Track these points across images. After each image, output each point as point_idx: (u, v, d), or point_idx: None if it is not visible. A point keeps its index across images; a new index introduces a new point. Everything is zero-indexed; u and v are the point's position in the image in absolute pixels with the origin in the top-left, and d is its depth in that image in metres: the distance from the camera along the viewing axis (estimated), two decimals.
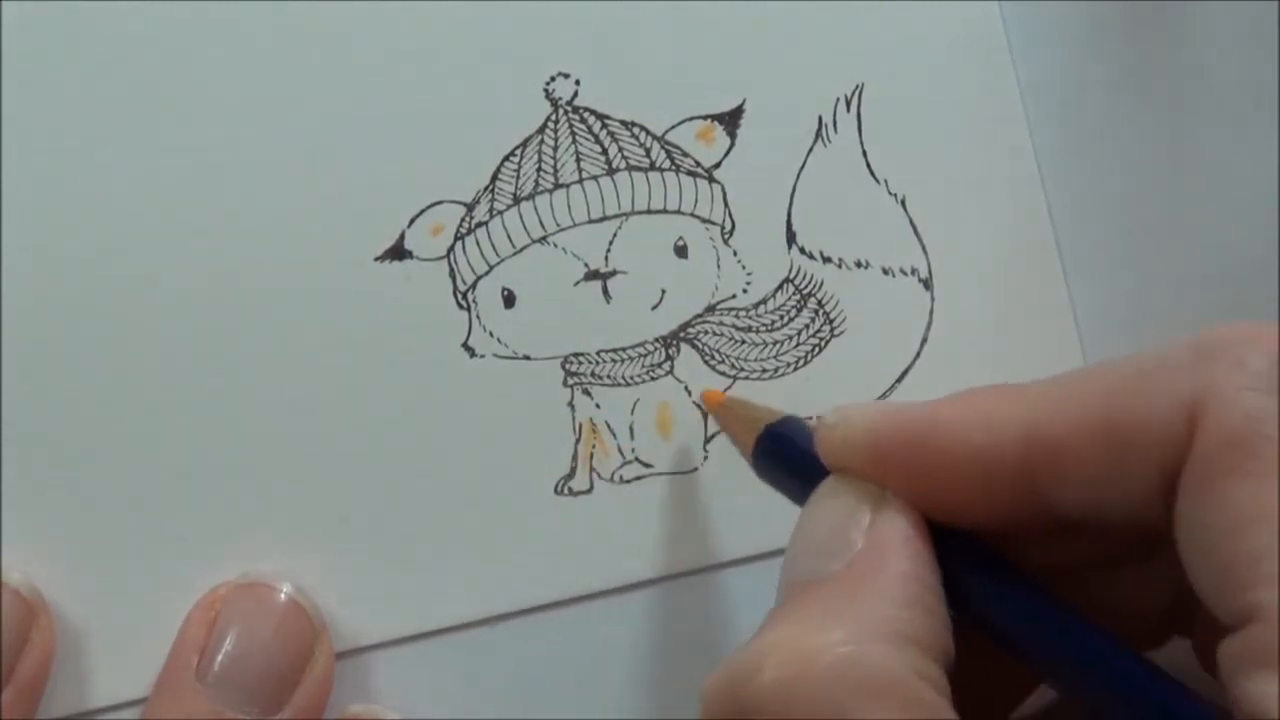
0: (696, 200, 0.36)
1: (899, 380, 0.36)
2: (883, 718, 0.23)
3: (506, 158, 0.35)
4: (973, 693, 0.25)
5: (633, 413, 0.36)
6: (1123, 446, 0.24)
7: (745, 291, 0.36)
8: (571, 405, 0.36)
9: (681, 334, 0.36)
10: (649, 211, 0.36)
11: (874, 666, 0.23)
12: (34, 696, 0.34)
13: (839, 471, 0.28)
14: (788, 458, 0.30)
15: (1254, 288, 0.37)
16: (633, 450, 0.36)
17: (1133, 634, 0.27)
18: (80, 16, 0.34)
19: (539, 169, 0.35)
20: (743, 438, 0.32)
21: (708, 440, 0.36)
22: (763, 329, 0.36)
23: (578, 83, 0.35)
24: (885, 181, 0.36)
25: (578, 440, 0.36)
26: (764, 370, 0.36)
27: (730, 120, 0.36)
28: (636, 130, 0.35)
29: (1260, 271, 0.37)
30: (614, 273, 0.36)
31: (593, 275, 0.36)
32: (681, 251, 0.36)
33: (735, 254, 0.36)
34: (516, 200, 0.35)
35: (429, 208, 0.35)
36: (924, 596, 0.25)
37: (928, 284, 0.36)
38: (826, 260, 0.36)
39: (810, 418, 0.30)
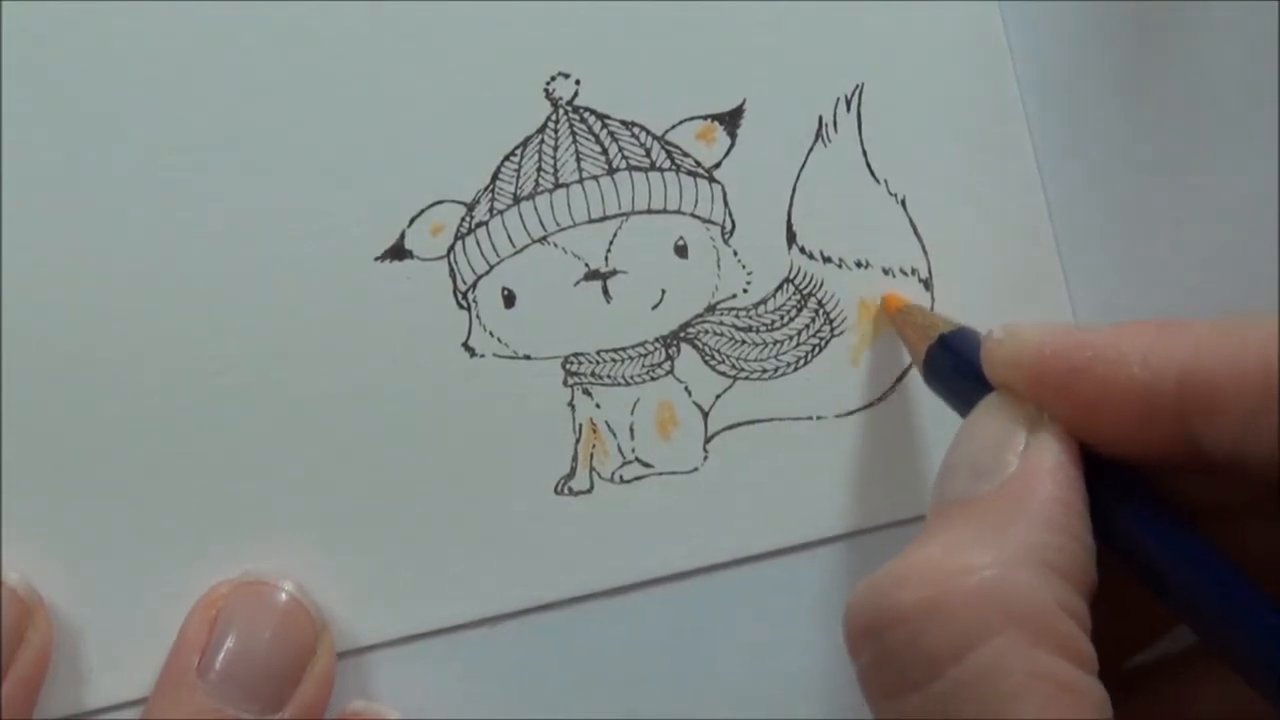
0: (697, 200, 0.36)
1: (899, 380, 0.36)
2: (1020, 645, 0.23)
3: (507, 157, 0.35)
4: (1109, 624, 0.25)
5: (633, 413, 0.36)
6: (1275, 397, 0.24)
7: (745, 291, 0.36)
8: (571, 405, 0.36)
9: (682, 334, 0.36)
10: (649, 211, 0.36)
11: (1015, 592, 0.24)
12: (31, 695, 0.34)
13: (1001, 389, 0.28)
14: (955, 370, 0.30)
15: (1254, 288, 0.37)
16: (633, 450, 0.36)
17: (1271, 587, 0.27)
18: (80, 16, 0.34)
19: (539, 169, 0.35)
20: (917, 345, 0.32)
21: (708, 440, 0.36)
22: (763, 329, 0.36)
23: (578, 82, 0.35)
24: (885, 181, 0.36)
25: (578, 440, 0.36)
26: (764, 370, 0.36)
27: (730, 120, 0.36)
28: (636, 130, 0.35)
29: (1260, 271, 0.37)
30: (614, 273, 0.36)
31: (593, 275, 0.36)
32: (682, 251, 0.36)
33: (735, 254, 0.36)
34: (517, 200, 0.35)
35: (429, 208, 0.35)
36: (1072, 523, 0.25)
37: (928, 284, 0.36)
38: (827, 260, 0.36)
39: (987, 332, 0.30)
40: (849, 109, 0.36)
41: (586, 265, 0.36)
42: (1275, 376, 0.24)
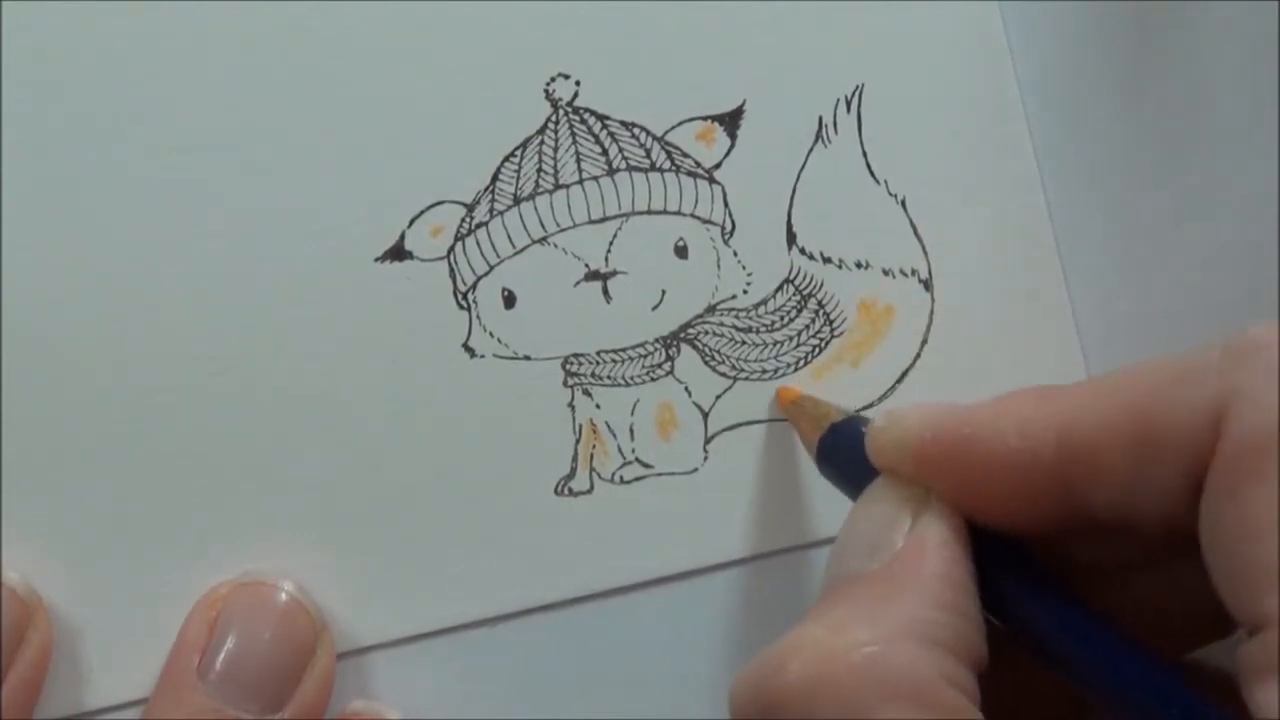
0: (697, 201, 0.36)
1: (899, 380, 0.36)
2: (906, 718, 0.23)
3: (507, 158, 0.35)
4: (1019, 704, 0.25)
5: (633, 413, 0.36)
6: (1152, 448, 0.24)
7: (745, 292, 0.36)
8: (572, 405, 0.36)
9: (682, 334, 0.36)
10: (649, 212, 0.36)
11: (898, 667, 0.24)
12: (31, 695, 0.34)
13: (887, 473, 0.28)
14: (848, 456, 0.30)
15: (1254, 288, 0.37)
16: (633, 450, 0.36)
17: (1174, 636, 0.27)
18: (80, 16, 0.34)
19: (539, 169, 0.35)
20: (809, 435, 0.33)
21: (708, 440, 0.36)
22: (763, 329, 0.36)
23: (578, 83, 0.35)
24: (885, 182, 0.36)
25: (578, 440, 0.36)
26: (764, 371, 0.36)
27: (730, 120, 0.36)
28: (637, 131, 0.35)
29: (1260, 271, 0.37)
30: (614, 273, 0.36)
31: (593, 276, 0.36)
32: (682, 252, 0.36)
33: (735, 254, 0.36)
34: (517, 201, 0.35)
35: (429, 208, 0.35)
36: (957, 599, 0.25)
37: (928, 284, 0.36)
38: (827, 261, 0.36)
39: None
40: (849, 109, 0.36)
41: (586, 266, 0.36)
42: (1146, 431, 0.24)
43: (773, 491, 0.36)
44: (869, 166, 0.36)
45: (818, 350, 0.36)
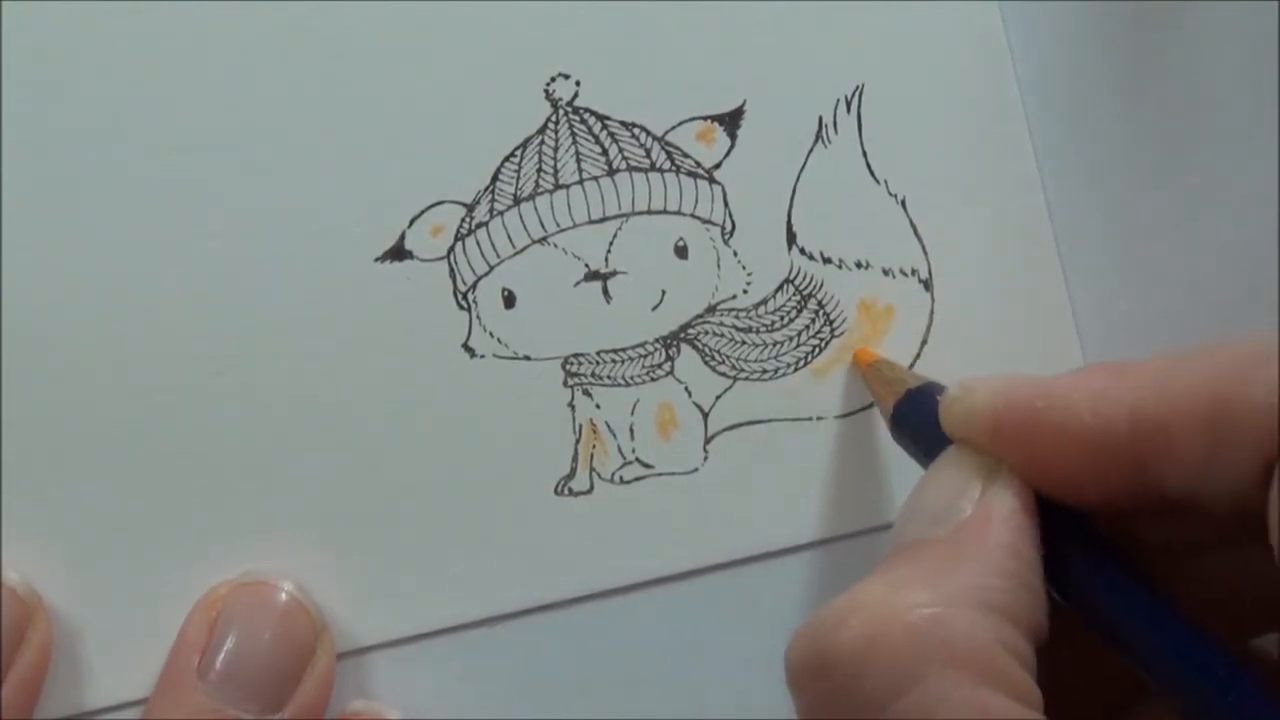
0: (697, 201, 0.36)
1: None
2: (959, 682, 0.23)
3: (507, 158, 0.35)
4: (1076, 682, 0.25)
5: (633, 413, 0.36)
6: (1227, 429, 0.24)
7: (745, 292, 0.36)
8: (572, 405, 0.36)
9: (682, 334, 0.36)
10: (649, 212, 0.36)
11: (956, 631, 0.24)
12: (31, 695, 0.34)
13: (960, 443, 0.28)
14: (918, 425, 0.31)
15: (1254, 288, 0.37)
16: (633, 450, 0.36)
17: (1237, 620, 0.27)
18: (80, 16, 0.34)
19: (539, 169, 0.35)
20: (884, 400, 0.33)
21: (708, 440, 0.36)
22: (763, 329, 0.36)
23: (578, 83, 0.35)
24: (885, 182, 0.36)
25: (578, 440, 0.36)
26: (764, 371, 0.36)
27: (730, 121, 0.36)
28: (637, 131, 0.35)
29: (1260, 271, 0.37)
30: (614, 273, 0.36)
31: (593, 276, 0.36)
32: (682, 252, 0.36)
33: (735, 254, 0.36)
34: (517, 201, 0.35)
35: (429, 208, 0.35)
36: (1020, 570, 0.25)
37: (928, 284, 0.36)
38: (827, 261, 0.36)
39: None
40: (849, 110, 0.36)
41: (586, 266, 0.36)
42: (1220, 414, 0.24)
43: (773, 492, 0.36)
44: (869, 166, 0.36)
45: (818, 350, 0.36)
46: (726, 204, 0.36)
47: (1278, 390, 0.24)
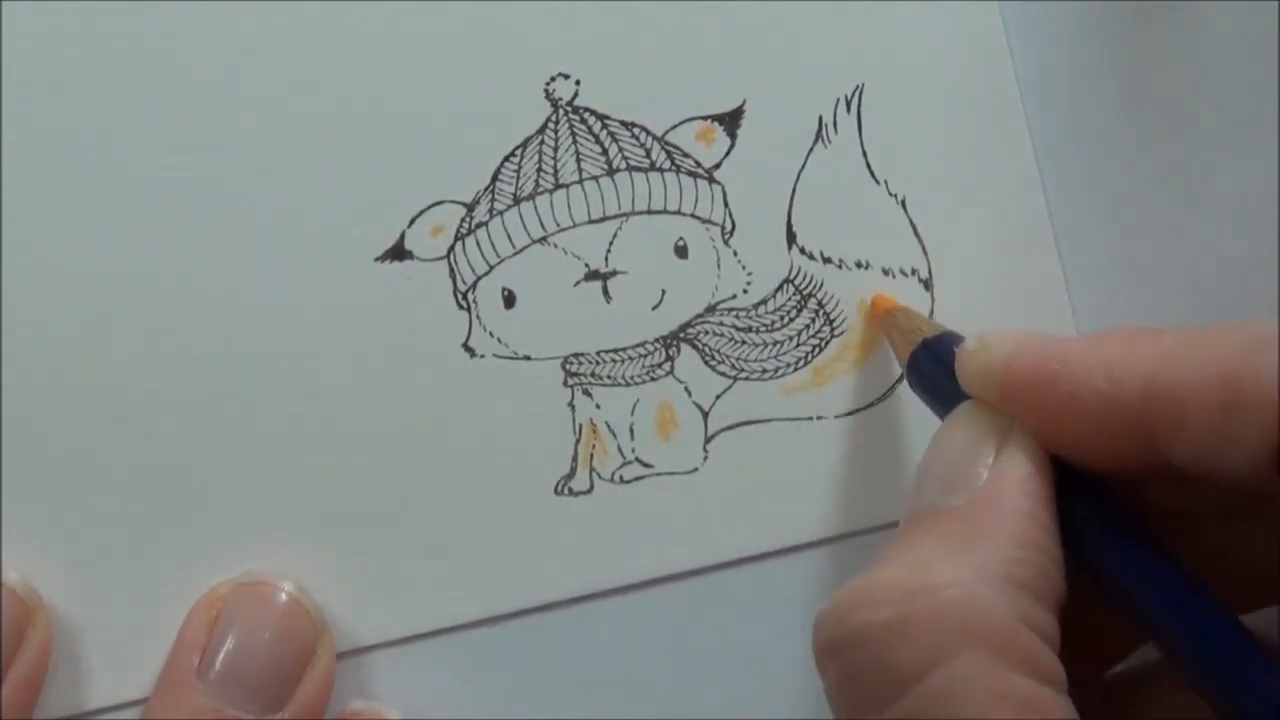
0: (697, 200, 0.36)
1: (899, 381, 0.36)
2: (983, 663, 0.23)
3: (507, 158, 0.35)
4: (1084, 636, 0.25)
5: (633, 413, 0.36)
6: (1238, 406, 0.24)
7: (745, 292, 0.36)
8: (571, 405, 0.36)
9: (682, 334, 0.36)
10: (649, 212, 0.36)
11: (980, 611, 0.24)
12: (31, 695, 0.34)
13: (975, 398, 0.28)
14: (937, 375, 0.30)
15: (1254, 288, 0.37)
16: (633, 450, 0.36)
17: (1243, 591, 0.27)
18: (80, 16, 0.34)
19: (539, 169, 0.35)
20: (900, 349, 0.33)
21: (708, 440, 0.36)
22: (763, 329, 0.36)
23: (578, 83, 0.35)
24: (885, 182, 0.36)
25: (578, 440, 0.36)
26: (764, 370, 0.36)
27: (730, 120, 0.36)
28: (636, 130, 0.35)
29: (1260, 271, 0.37)
30: (614, 273, 0.36)
31: (593, 275, 0.36)
32: (682, 252, 0.36)
33: (735, 254, 0.36)
34: (517, 200, 0.35)
35: (429, 208, 0.35)
36: (1039, 537, 0.25)
37: (928, 284, 0.36)
38: (827, 261, 0.36)
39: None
40: (849, 109, 0.36)
41: (586, 265, 0.36)
42: (1234, 390, 0.24)
43: (773, 491, 0.36)
44: (869, 166, 0.36)
45: (818, 350, 0.36)
46: (726, 204, 0.36)
47: None
